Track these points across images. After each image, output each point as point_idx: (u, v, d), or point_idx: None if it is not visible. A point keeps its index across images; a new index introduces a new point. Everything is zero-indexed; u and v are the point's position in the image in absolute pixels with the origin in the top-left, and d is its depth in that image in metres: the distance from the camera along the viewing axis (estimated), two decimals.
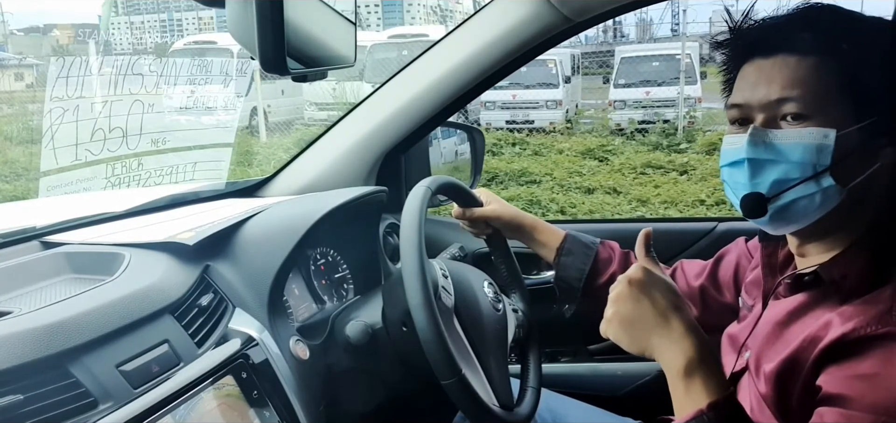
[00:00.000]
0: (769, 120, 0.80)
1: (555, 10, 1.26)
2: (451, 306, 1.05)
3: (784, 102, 0.79)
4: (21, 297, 0.95)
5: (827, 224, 0.81)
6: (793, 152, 0.78)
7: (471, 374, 0.97)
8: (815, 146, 0.77)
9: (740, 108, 0.84)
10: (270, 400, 0.96)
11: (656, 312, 0.80)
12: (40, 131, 4.10)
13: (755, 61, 0.83)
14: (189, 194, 1.42)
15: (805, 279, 0.84)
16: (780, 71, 0.80)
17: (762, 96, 0.81)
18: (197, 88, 1.55)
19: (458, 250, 1.48)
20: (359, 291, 1.33)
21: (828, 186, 0.77)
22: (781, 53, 0.80)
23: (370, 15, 36.35)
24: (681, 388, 0.77)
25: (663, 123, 9.61)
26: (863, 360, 0.72)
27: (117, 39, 35.43)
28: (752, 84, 0.82)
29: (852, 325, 0.74)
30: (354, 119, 1.50)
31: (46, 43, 21.85)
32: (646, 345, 0.80)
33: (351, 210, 1.24)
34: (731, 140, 0.84)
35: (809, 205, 0.79)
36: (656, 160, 7.90)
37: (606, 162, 8.15)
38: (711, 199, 6.24)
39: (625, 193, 6.69)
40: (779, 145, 0.79)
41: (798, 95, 0.78)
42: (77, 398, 0.76)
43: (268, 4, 0.75)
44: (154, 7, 40.78)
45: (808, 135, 0.77)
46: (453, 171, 1.72)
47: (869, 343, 0.72)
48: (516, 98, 10.70)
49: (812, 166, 0.77)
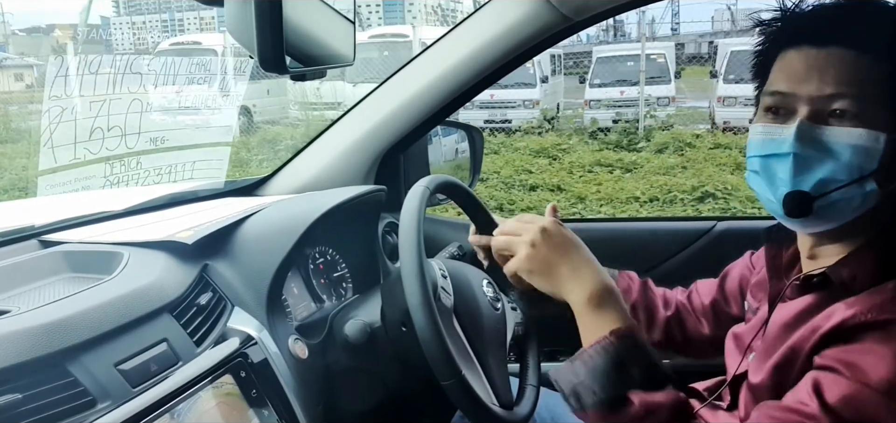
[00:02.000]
0: (816, 114, 0.76)
1: (553, 9, 1.26)
2: (450, 307, 1.05)
3: (836, 98, 0.75)
4: (19, 296, 0.95)
5: (850, 226, 0.79)
6: (843, 153, 0.75)
7: (470, 374, 0.97)
8: (864, 149, 0.74)
9: (783, 96, 0.79)
10: (269, 399, 0.95)
11: (569, 258, 0.87)
12: (18, 131, 4.10)
13: (803, 49, 0.78)
14: (188, 193, 1.42)
15: (813, 281, 0.82)
16: (835, 64, 0.76)
17: (813, 89, 0.76)
18: (196, 87, 1.55)
19: (456, 248, 1.48)
20: (357, 290, 1.33)
21: (870, 189, 0.75)
22: (836, 45, 0.76)
23: (371, 15, 36.37)
24: (587, 318, 0.84)
25: (624, 123, 9.69)
26: (860, 342, 0.71)
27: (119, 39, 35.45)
28: (800, 74, 0.78)
29: (853, 312, 0.73)
30: (353, 118, 1.50)
31: (47, 43, 21.87)
32: (557, 285, 0.87)
33: (350, 209, 1.24)
34: (768, 130, 0.79)
35: (848, 207, 0.77)
36: (606, 159, 8.00)
37: (557, 160, 8.21)
38: (645, 195, 6.34)
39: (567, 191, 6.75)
40: (828, 143, 0.75)
41: (853, 93, 0.74)
42: (75, 396, 0.76)
43: (267, 4, 0.75)
44: (155, 7, 40.85)
45: (859, 136, 0.74)
46: (455, 170, 1.72)
47: (868, 329, 0.72)
48: (494, 98, 10.77)
49: (859, 169, 0.75)
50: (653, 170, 7.41)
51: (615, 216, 6.08)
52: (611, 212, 6.04)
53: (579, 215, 5.94)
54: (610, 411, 0.79)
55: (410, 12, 35.49)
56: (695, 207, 5.98)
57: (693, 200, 6.14)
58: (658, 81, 10.89)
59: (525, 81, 10.94)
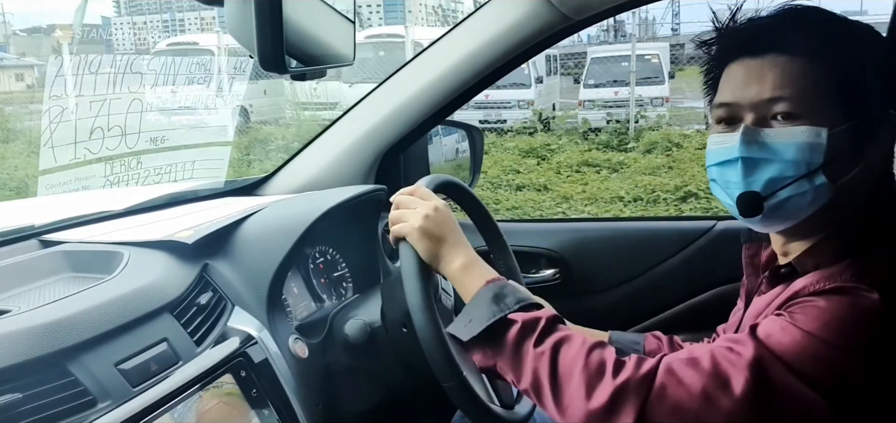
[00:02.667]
0: (760, 119, 0.81)
1: (554, 9, 1.26)
2: (450, 308, 1.05)
3: (776, 102, 0.80)
4: (20, 295, 0.95)
5: (811, 221, 0.82)
6: (787, 151, 0.79)
7: (471, 375, 0.97)
8: (808, 145, 0.78)
9: (729, 106, 0.84)
10: (269, 399, 0.96)
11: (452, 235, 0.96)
12: (14, 131, 4.09)
13: (743, 61, 0.83)
14: (188, 193, 1.42)
15: (782, 272, 0.86)
16: (771, 70, 0.80)
17: (753, 95, 0.81)
18: (196, 88, 1.55)
19: None
20: (358, 289, 1.33)
21: (820, 183, 0.79)
22: (771, 53, 0.81)
23: (372, 15, 36.39)
24: (466, 280, 0.93)
25: (615, 123, 9.70)
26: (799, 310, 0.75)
27: (119, 39, 35.48)
28: (742, 83, 0.82)
29: (806, 282, 0.78)
30: (353, 117, 1.50)
31: (47, 43, 21.88)
32: (438, 256, 0.95)
33: (350, 209, 1.24)
34: (720, 139, 0.84)
35: (802, 202, 0.80)
36: (593, 159, 7.97)
37: (546, 160, 8.19)
38: (629, 195, 6.33)
39: (552, 191, 6.73)
40: (772, 144, 0.80)
41: (790, 94, 0.79)
42: (76, 396, 0.76)
43: (267, 4, 0.75)
44: (156, 7, 40.89)
45: (801, 133, 0.78)
46: (456, 169, 1.72)
47: (816, 294, 0.76)
48: (489, 98, 10.77)
49: (805, 165, 0.78)
50: (639, 170, 7.40)
51: (616, 217, 6.09)
52: (595, 211, 6.04)
53: (563, 213, 5.95)
54: (498, 336, 0.87)
55: (411, 12, 35.50)
56: (677, 207, 5.99)
57: (676, 200, 6.15)
58: (652, 81, 10.88)
59: (520, 81, 10.91)
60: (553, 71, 13.28)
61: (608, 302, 1.61)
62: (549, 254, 1.64)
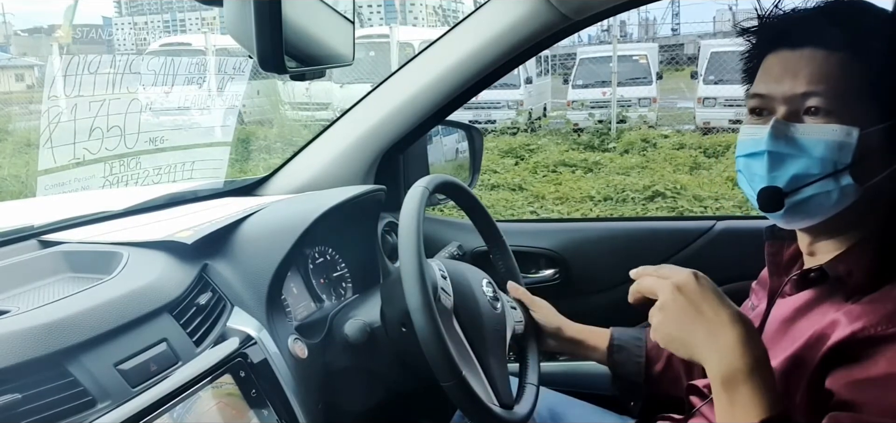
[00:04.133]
0: (792, 113, 0.79)
1: (553, 9, 1.26)
2: (450, 308, 1.05)
3: (809, 97, 0.78)
4: (19, 296, 0.95)
5: (840, 222, 0.80)
6: (815, 148, 0.77)
7: (470, 374, 0.97)
8: (837, 143, 0.76)
9: (762, 98, 0.82)
10: (269, 399, 0.95)
11: (704, 320, 0.75)
12: (4, 131, 4.06)
13: (780, 52, 0.82)
14: (187, 193, 1.42)
15: (811, 276, 0.84)
16: (807, 64, 0.78)
17: (787, 89, 0.79)
18: (195, 88, 1.55)
19: (456, 248, 1.48)
20: (357, 289, 1.33)
21: (846, 184, 0.77)
22: (809, 46, 0.79)
23: (372, 15, 36.38)
24: (724, 400, 0.73)
25: (598, 123, 9.73)
26: (873, 362, 0.71)
27: (120, 39, 35.46)
28: (777, 75, 0.81)
29: (860, 324, 0.73)
30: (353, 118, 1.50)
31: (47, 43, 21.89)
32: (693, 352, 0.76)
33: (349, 209, 1.24)
34: (751, 130, 0.82)
35: (825, 202, 0.78)
36: (570, 159, 8.02)
37: (524, 160, 8.23)
38: (600, 195, 6.40)
39: (526, 190, 6.77)
40: (801, 140, 0.78)
41: (824, 90, 0.77)
42: (75, 396, 0.76)
43: (266, 3, 0.75)
44: (157, 7, 40.89)
45: (831, 131, 0.76)
46: (456, 169, 1.72)
47: (878, 343, 0.72)
48: (479, 98, 10.76)
49: (832, 163, 0.77)
50: (614, 170, 7.48)
51: (616, 216, 6.09)
52: (565, 211, 6.07)
53: (535, 213, 5.97)
54: None
55: (411, 12, 35.51)
56: (644, 206, 6.04)
57: (643, 199, 6.20)
58: (639, 81, 10.92)
59: (509, 81, 10.94)
60: (543, 72, 13.29)
61: (608, 302, 1.61)
62: (548, 254, 1.64)
